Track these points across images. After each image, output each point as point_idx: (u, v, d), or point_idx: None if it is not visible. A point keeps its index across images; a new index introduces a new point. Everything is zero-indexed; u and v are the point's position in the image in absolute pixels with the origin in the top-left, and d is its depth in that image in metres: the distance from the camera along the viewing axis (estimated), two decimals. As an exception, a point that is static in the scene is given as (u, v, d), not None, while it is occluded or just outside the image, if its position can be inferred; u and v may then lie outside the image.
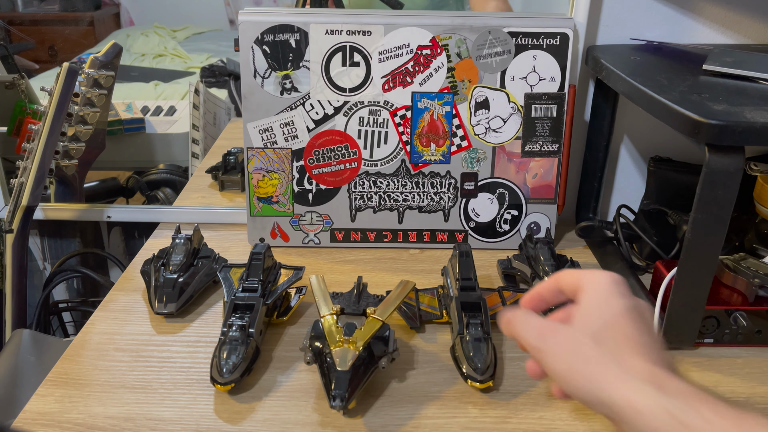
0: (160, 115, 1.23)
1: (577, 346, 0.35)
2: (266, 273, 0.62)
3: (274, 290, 0.62)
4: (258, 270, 0.61)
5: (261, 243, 0.60)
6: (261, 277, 0.60)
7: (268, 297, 0.60)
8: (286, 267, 0.66)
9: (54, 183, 0.89)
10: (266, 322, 0.60)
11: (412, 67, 0.70)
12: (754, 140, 0.48)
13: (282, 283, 0.63)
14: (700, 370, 0.56)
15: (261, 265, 0.61)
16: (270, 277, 0.63)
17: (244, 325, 0.54)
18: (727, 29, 0.73)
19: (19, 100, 0.90)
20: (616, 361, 0.34)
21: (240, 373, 0.52)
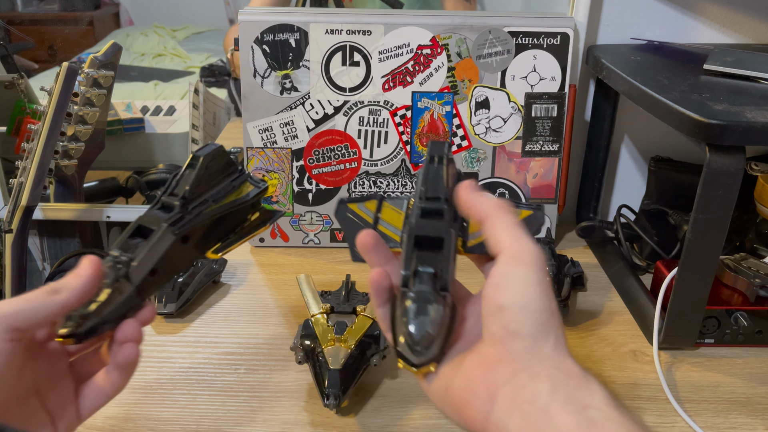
0: (160, 114, 1.23)
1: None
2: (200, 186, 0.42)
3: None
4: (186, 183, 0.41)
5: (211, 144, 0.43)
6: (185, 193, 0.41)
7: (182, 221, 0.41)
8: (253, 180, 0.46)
9: (53, 183, 0.89)
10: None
11: (412, 66, 0.70)
12: (755, 140, 0.48)
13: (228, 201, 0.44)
14: (700, 370, 0.56)
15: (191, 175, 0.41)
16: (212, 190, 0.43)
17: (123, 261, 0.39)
18: (728, 29, 0.73)
19: (19, 100, 0.90)
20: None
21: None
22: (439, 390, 0.34)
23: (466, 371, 0.33)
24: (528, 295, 0.32)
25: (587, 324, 0.63)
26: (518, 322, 0.31)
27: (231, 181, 0.44)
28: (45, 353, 0.37)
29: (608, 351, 0.58)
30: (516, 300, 0.31)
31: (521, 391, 0.30)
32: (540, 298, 0.31)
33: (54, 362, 0.38)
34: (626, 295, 0.66)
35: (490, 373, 0.31)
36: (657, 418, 0.51)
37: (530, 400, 0.29)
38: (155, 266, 0.39)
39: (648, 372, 0.56)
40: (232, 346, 0.59)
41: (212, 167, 0.42)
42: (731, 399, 0.53)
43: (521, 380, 0.30)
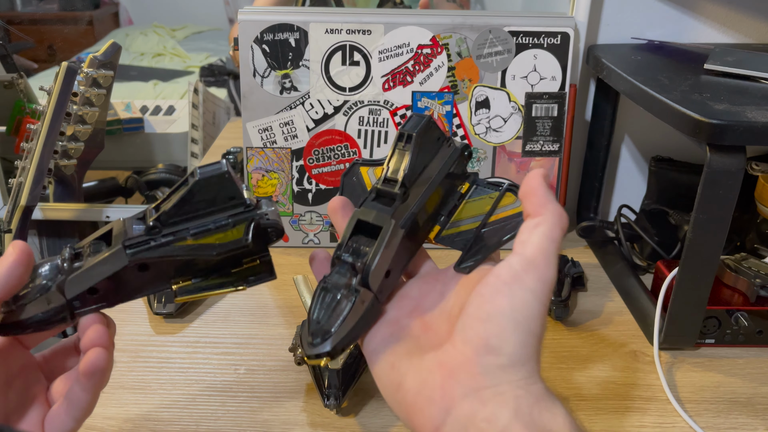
0: (159, 114, 1.22)
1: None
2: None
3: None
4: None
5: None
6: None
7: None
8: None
9: (53, 183, 0.89)
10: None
11: (412, 66, 0.70)
12: (756, 140, 0.48)
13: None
14: (701, 370, 0.56)
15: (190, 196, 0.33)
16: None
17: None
18: (729, 28, 0.73)
19: (18, 100, 0.90)
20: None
21: None
22: (390, 384, 0.31)
23: (424, 371, 0.30)
24: (526, 312, 0.29)
25: (588, 324, 0.62)
26: (502, 338, 0.29)
27: (229, 215, 0.34)
28: (1, 351, 0.35)
29: (609, 351, 0.58)
30: (510, 314, 0.29)
31: (481, 409, 0.28)
32: (536, 321, 0.29)
33: (15, 359, 0.35)
34: (627, 296, 0.66)
35: (451, 382, 0.29)
36: (658, 418, 0.51)
37: (489, 419, 0.28)
38: (96, 286, 0.34)
39: (648, 372, 0.56)
40: (232, 346, 0.59)
41: (206, 194, 0.33)
42: (732, 399, 0.53)
43: (483, 397, 0.28)
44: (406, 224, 0.34)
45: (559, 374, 0.55)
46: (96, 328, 0.34)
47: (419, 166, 0.35)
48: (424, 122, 0.35)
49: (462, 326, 0.30)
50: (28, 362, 0.37)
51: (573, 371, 0.56)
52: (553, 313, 0.61)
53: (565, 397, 0.53)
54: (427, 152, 0.36)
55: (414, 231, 0.35)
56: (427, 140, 0.35)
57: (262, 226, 0.34)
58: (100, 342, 0.33)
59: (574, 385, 0.54)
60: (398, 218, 0.33)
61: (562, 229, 0.31)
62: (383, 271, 0.33)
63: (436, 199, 0.36)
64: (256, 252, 0.35)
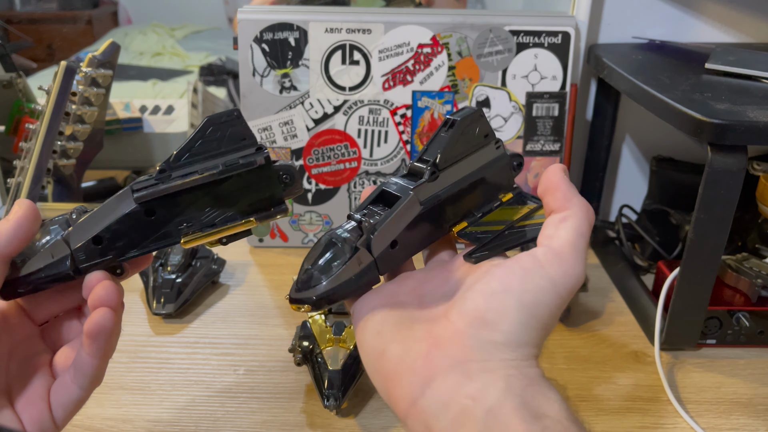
0: (159, 114, 1.22)
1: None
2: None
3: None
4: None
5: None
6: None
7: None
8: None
9: (51, 182, 0.88)
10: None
11: (412, 65, 0.69)
12: (757, 140, 0.48)
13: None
14: (702, 371, 0.56)
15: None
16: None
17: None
18: (730, 28, 0.73)
19: (17, 99, 0.89)
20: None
21: None
22: (373, 351, 0.30)
23: (410, 339, 0.28)
24: (538, 297, 0.27)
25: (588, 325, 0.62)
26: (502, 314, 0.27)
27: (240, 156, 0.33)
28: (4, 319, 0.34)
29: (609, 352, 0.58)
30: (518, 293, 0.27)
31: (466, 383, 0.26)
32: (547, 309, 0.28)
33: (19, 329, 0.34)
34: (628, 296, 0.66)
35: (437, 352, 0.27)
36: (659, 419, 0.50)
37: (475, 395, 0.25)
38: (100, 234, 0.32)
39: (649, 373, 0.55)
40: (231, 347, 0.59)
41: (216, 134, 0.32)
42: (733, 400, 0.53)
43: (471, 371, 0.26)
44: (427, 203, 0.33)
45: (560, 375, 0.55)
46: (104, 284, 0.31)
47: (456, 154, 0.34)
48: (471, 112, 0.35)
49: (462, 299, 0.29)
50: (32, 332, 0.35)
51: (574, 372, 0.55)
52: (553, 313, 0.61)
53: (566, 397, 0.52)
54: (469, 143, 0.35)
55: (436, 215, 0.34)
56: (470, 131, 0.35)
57: (275, 168, 0.33)
58: (107, 300, 0.31)
59: (574, 386, 0.54)
60: (420, 194, 0.33)
61: (590, 224, 0.30)
62: (389, 239, 0.32)
63: (469, 193, 0.35)
64: (269, 203, 0.34)
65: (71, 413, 0.34)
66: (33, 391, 0.33)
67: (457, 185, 0.34)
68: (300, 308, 0.31)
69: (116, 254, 0.33)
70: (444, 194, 0.34)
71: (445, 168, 0.34)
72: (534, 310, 0.28)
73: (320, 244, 0.32)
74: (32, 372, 0.34)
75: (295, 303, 0.31)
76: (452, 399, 0.26)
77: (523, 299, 0.28)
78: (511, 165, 0.36)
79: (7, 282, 0.32)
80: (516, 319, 0.27)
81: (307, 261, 0.32)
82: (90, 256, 0.32)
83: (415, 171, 0.34)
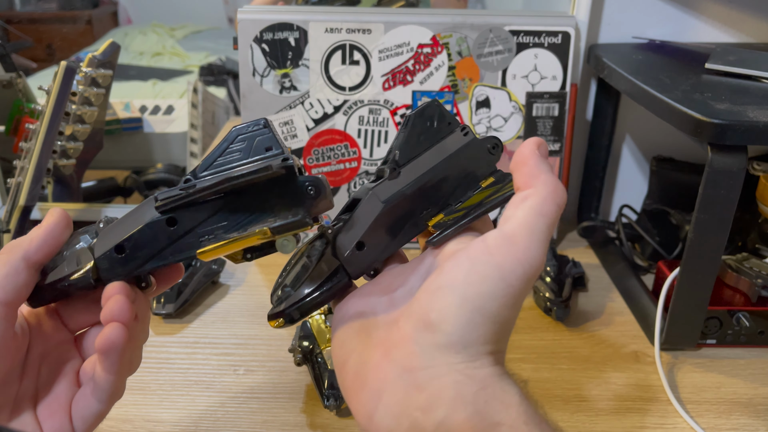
0: (159, 114, 1.22)
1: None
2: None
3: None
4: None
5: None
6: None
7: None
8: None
9: (51, 182, 0.88)
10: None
11: (412, 65, 0.69)
12: (757, 140, 0.48)
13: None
14: (702, 371, 0.56)
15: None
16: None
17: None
18: (730, 28, 0.73)
19: (17, 99, 0.89)
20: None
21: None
22: (337, 363, 0.28)
23: (368, 348, 0.27)
24: (483, 288, 0.25)
25: (588, 325, 0.62)
26: (444, 314, 0.25)
27: (265, 159, 0.31)
28: (39, 324, 0.34)
29: (610, 352, 0.58)
30: (461, 288, 0.25)
31: (416, 394, 0.24)
32: (494, 301, 0.25)
33: (52, 335, 0.34)
34: (628, 296, 0.66)
35: (385, 362, 0.25)
36: (659, 419, 0.50)
37: (424, 406, 0.24)
38: (123, 243, 0.32)
39: (649, 373, 0.55)
40: (231, 347, 0.59)
41: (242, 144, 0.32)
42: (733, 400, 0.53)
43: (419, 380, 0.24)
44: (390, 200, 0.32)
45: (560, 375, 0.55)
46: (116, 299, 0.31)
47: (415, 147, 0.33)
48: (424, 104, 0.34)
49: (413, 300, 0.27)
50: (65, 339, 0.35)
51: (574, 372, 0.55)
52: (554, 313, 0.61)
53: (566, 398, 0.52)
54: (430, 135, 0.34)
55: (405, 211, 0.32)
56: (424, 122, 0.33)
57: (301, 179, 0.31)
58: (118, 316, 0.30)
59: (574, 386, 0.54)
60: (381, 193, 0.32)
61: (556, 204, 0.27)
62: (353, 241, 0.31)
63: (442, 184, 0.33)
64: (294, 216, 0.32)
65: (92, 426, 0.33)
66: (56, 399, 0.33)
67: (423, 178, 0.32)
68: (276, 323, 0.31)
69: (137, 264, 0.32)
70: (409, 189, 0.32)
71: (406, 163, 0.33)
72: (479, 303, 0.25)
73: (290, 260, 0.32)
74: (60, 378, 0.34)
75: (271, 319, 0.31)
76: (403, 412, 0.24)
77: (466, 293, 0.25)
78: (485, 149, 0.34)
79: (36, 288, 0.32)
80: (458, 316, 0.25)
81: (280, 277, 0.32)
82: (112, 265, 0.32)
83: (380, 173, 0.34)
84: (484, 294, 0.25)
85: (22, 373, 0.33)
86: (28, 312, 0.34)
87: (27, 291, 0.32)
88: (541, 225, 0.26)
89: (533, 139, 0.29)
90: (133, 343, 0.33)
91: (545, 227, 0.26)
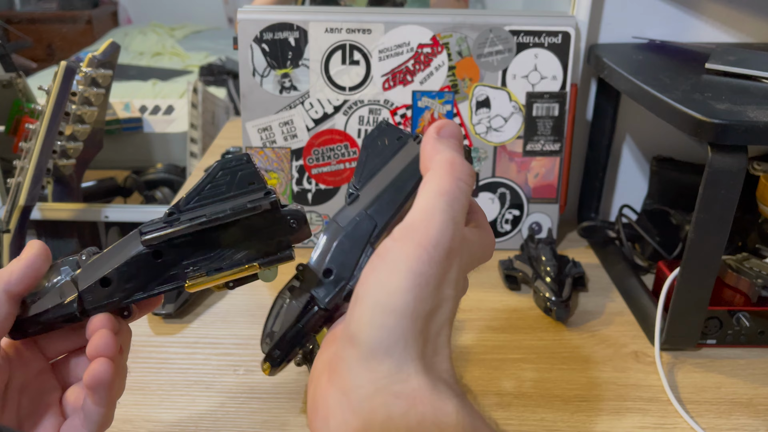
0: (158, 114, 1.22)
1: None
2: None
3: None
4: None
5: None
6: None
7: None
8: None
9: (51, 182, 0.88)
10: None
11: (412, 65, 0.69)
12: (757, 139, 0.48)
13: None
14: (702, 371, 0.56)
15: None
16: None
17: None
18: (730, 28, 0.73)
19: (17, 99, 0.89)
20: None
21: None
22: (308, 388, 0.27)
23: (324, 374, 0.26)
24: (390, 286, 0.23)
25: (588, 325, 0.62)
26: (359, 323, 0.23)
27: (248, 201, 0.32)
28: (18, 354, 0.33)
29: (610, 352, 0.58)
30: (372, 292, 0.23)
31: (352, 421, 0.23)
32: (403, 296, 0.23)
33: (32, 364, 0.34)
34: (628, 296, 0.66)
35: (328, 386, 0.24)
36: (659, 419, 0.50)
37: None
38: (108, 276, 0.32)
39: (649, 373, 0.55)
40: (231, 347, 0.58)
41: (225, 178, 0.33)
42: (733, 400, 0.53)
43: (352, 404, 0.23)
44: (351, 224, 0.32)
45: (560, 375, 0.55)
46: (101, 333, 0.31)
47: (370, 169, 0.34)
48: (373, 128, 0.35)
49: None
50: (44, 367, 0.35)
51: (574, 372, 0.55)
52: (554, 313, 0.61)
53: (566, 398, 0.52)
54: (381, 155, 0.34)
55: (363, 231, 0.32)
56: (376, 144, 0.34)
57: (283, 212, 0.33)
58: (104, 350, 0.31)
59: (575, 386, 0.54)
60: (340, 219, 0.33)
61: (455, 178, 0.25)
62: (319, 270, 0.31)
63: (396, 195, 0.33)
64: (276, 248, 0.34)
65: None
66: (43, 429, 0.33)
67: (381, 194, 0.33)
68: (264, 368, 0.32)
69: (123, 296, 0.33)
70: (369, 208, 0.33)
71: (364, 185, 0.34)
72: (390, 302, 0.23)
73: (272, 305, 0.33)
74: (43, 409, 0.34)
75: (263, 366, 0.32)
76: None
77: (377, 297, 0.23)
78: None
79: (17, 321, 0.32)
80: (371, 321, 0.23)
81: (265, 323, 0.33)
82: (97, 297, 0.33)
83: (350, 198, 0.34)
84: (393, 291, 0.23)
85: (3, 405, 0.32)
86: (6, 343, 0.34)
87: (9, 323, 0.32)
88: (442, 204, 0.25)
89: (434, 123, 0.29)
90: (120, 373, 0.33)
91: (446, 205, 0.25)
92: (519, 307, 0.65)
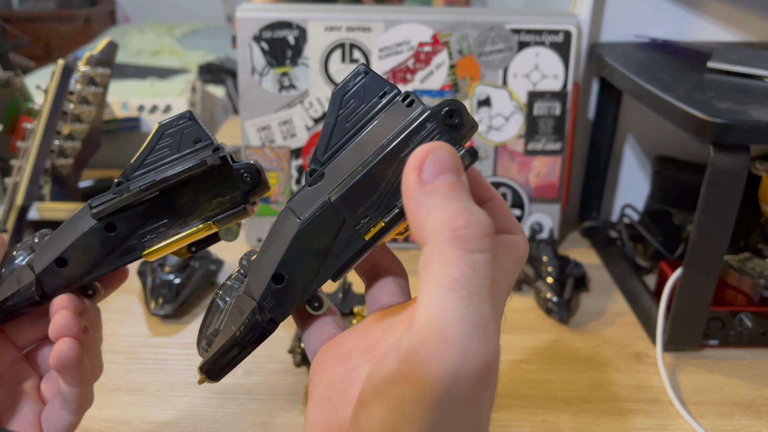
0: (157, 113, 1.21)
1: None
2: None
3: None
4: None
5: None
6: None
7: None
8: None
9: (49, 182, 0.88)
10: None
11: (412, 64, 0.69)
12: (760, 139, 0.47)
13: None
14: (704, 372, 0.56)
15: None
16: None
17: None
18: (732, 26, 0.73)
19: (14, 98, 0.89)
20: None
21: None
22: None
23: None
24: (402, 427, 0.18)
25: (590, 325, 0.62)
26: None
27: (197, 159, 0.30)
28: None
29: (612, 353, 0.58)
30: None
31: None
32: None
33: (3, 356, 0.33)
34: (630, 296, 0.66)
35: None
36: (661, 420, 0.50)
37: None
38: (63, 255, 0.31)
39: (651, 374, 0.55)
40: (231, 347, 0.58)
41: (169, 139, 0.31)
42: (735, 401, 0.52)
43: None
44: (310, 217, 0.25)
45: (562, 376, 0.55)
46: (61, 314, 0.30)
47: (339, 136, 0.26)
48: (347, 78, 0.27)
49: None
50: (16, 357, 0.35)
51: (575, 373, 0.55)
52: (555, 314, 0.61)
53: (567, 399, 0.52)
54: (355, 117, 0.26)
55: (328, 227, 0.25)
56: (351, 99, 0.26)
57: (236, 167, 0.30)
58: (65, 330, 0.30)
59: (576, 387, 0.53)
60: (297, 206, 0.26)
61: (466, 253, 0.17)
62: (267, 275, 0.26)
63: (375, 183, 0.24)
64: (231, 205, 0.31)
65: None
66: (23, 417, 0.33)
67: (351, 179, 0.25)
68: (201, 380, 0.30)
69: (81, 274, 0.32)
70: (335, 197, 0.25)
71: (330, 159, 0.27)
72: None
73: (211, 301, 0.31)
74: (21, 398, 0.33)
75: (200, 375, 0.30)
76: None
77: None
78: (440, 120, 0.24)
79: None
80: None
81: (203, 321, 0.31)
82: (55, 279, 0.32)
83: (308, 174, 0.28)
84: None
85: None
86: None
87: None
88: (454, 304, 0.17)
89: (412, 158, 0.20)
90: (90, 352, 0.32)
91: (463, 305, 0.17)
92: (520, 307, 0.64)
